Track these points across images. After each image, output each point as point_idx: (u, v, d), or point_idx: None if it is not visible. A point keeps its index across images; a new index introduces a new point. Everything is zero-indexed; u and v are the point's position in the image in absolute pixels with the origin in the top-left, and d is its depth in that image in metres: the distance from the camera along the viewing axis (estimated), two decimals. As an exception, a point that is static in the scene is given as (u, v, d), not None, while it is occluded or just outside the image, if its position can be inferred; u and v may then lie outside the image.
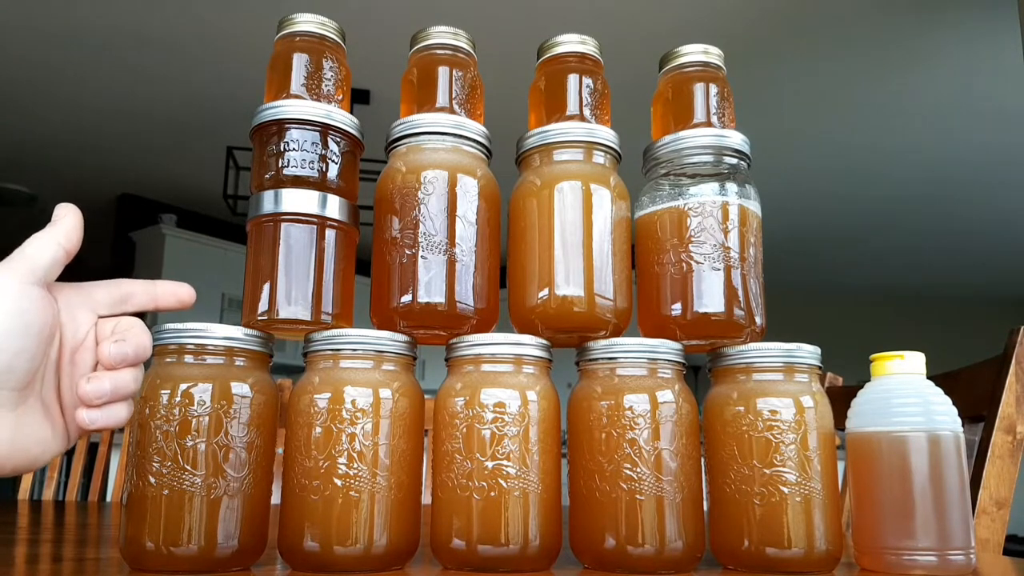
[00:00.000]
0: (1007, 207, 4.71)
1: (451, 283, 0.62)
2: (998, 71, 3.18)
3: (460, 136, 0.65)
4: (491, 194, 0.66)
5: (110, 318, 0.50)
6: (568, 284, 0.63)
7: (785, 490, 0.57)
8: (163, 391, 0.55)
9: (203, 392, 0.55)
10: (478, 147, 0.66)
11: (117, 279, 0.51)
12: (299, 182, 0.62)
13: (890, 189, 4.51)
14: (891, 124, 3.73)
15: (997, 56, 3.08)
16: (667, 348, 0.60)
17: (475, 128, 0.66)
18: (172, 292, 0.52)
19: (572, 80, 0.69)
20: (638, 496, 0.56)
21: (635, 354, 0.59)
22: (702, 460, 0.61)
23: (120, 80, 3.45)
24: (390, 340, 0.59)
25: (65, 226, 0.48)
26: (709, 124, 0.68)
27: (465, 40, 0.70)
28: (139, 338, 0.48)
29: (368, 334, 0.59)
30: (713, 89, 0.69)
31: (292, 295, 0.61)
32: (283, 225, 0.62)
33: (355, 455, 0.55)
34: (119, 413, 0.47)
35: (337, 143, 0.64)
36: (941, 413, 0.58)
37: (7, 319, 0.43)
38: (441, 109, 0.67)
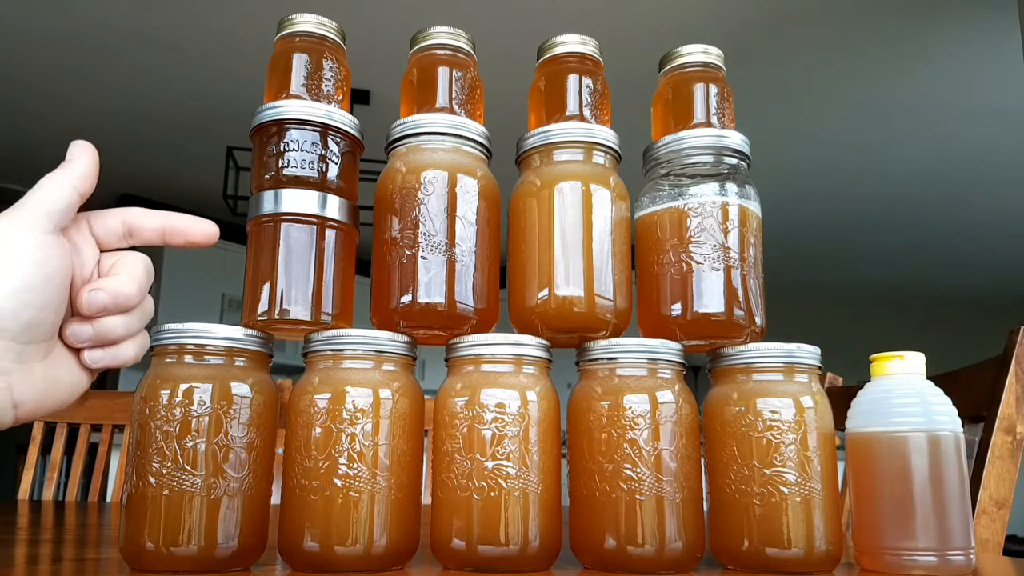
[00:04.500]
0: (1007, 207, 4.71)
1: (451, 283, 0.62)
2: (998, 71, 3.18)
3: (460, 136, 0.65)
4: (491, 194, 0.66)
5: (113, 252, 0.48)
6: (568, 284, 0.63)
7: (785, 490, 0.57)
8: (163, 391, 0.55)
9: (203, 392, 0.55)
10: (478, 147, 0.66)
11: (125, 209, 0.49)
12: (299, 182, 0.62)
13: (891, 189, 4.51)
14: (891, 124, 3.73)
15: (997, 56, 3.08)
16: (667, 348, 0.60)
17: (475, 128, 0.66)
18: (183, 231, 0.48)
19: (572, 80, 0.69)
20: (638, 496, 0.56)
21: (635, 354, 0.59)
22: (702, 460, 0.61)
23: (120, 80, 3.45)
24: (390, 340, 0.59)
25: (80, 169, 0.45)
26: (709, 124, 0.68)
27: (465, 40, 0.70)
28: (118, 286, 0.45)
29: (368, 334, 0.59)
30: (713, 89, 0.69)
31: (292, 295, 0.61)
32: (283, 225, 0.62)
33: (355, 455, 0.55)
34: (124, 353, 0.46)
35: (337, 143, 0.64)
36: (941, 413, 0.58)
37: (29, 274, 0.41)
38: (441, 109, 0.67)
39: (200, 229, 0.49)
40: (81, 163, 0.46)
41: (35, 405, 0.44)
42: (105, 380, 4.66)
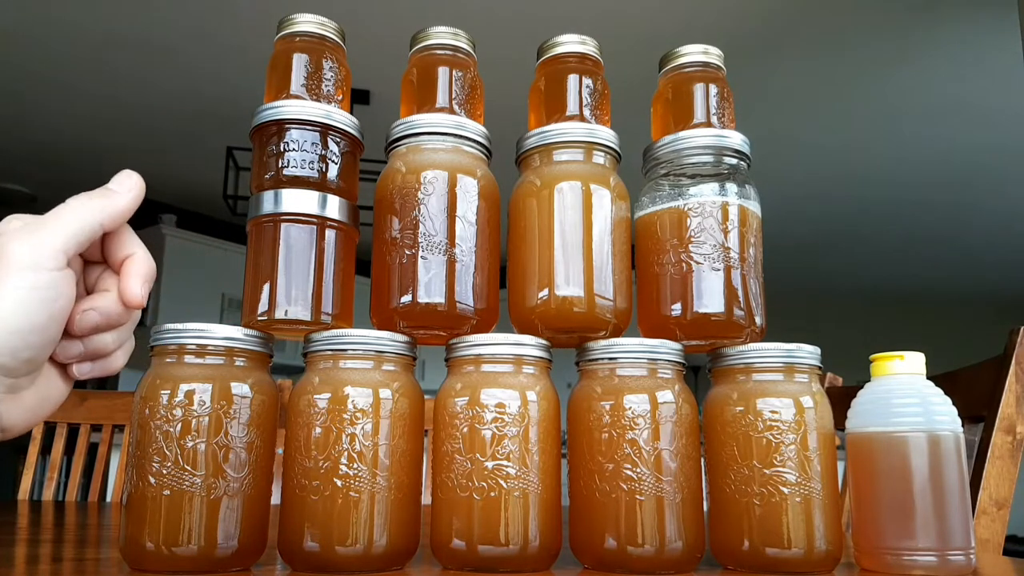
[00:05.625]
0: (1007, 207, 4.71)
1: (451, 283, 0.62)
2: (998, 71, 3.18)
3: (460, 136, 0.65)
4: (491, 194, 0.66)
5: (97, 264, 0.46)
6: (568, 284, 0.63)
7: (785, 490, 0.57)
8: (163, 391, 0.55)
9: (203, 392, 0.55)
10: (478, 147, 0.66)
11: (122, 232, 0.45)
12: (299, 182, 0.62)
13: (891, 189, 4.51)
14: (890, 124, 3.73)
15: (997, 56, 3.08)
16: (667, 348, 0.60)
17: (475, 128, 0.66)
18: (125, 275, 0.45)
19: (572, 80, 0.69)
20: (638, 496, 0.56)
21: (635, 354, 0.59)
22: (702, 460, 0.61)
23: (120, 80, 3.45)
24: (390, 340, 0.59)
25: (117, 207, 0.43)
26: (709, 124, 0.68)
27: (465, 40, 0.70)
28: (111, 306, 0.44)
29: (368, 334, 0.59)
30: (713, 89, 0.69)
31: (292, 295, 0.61)
32: (283, 225, 0.62)
33: (355, 455, 0.55)
34: (114, 363, 0.45)
35: (337, 143, 0.64)
36: (941, 413, 0.58)
37: (35, 314, 0.40)
38: (441, 109, 0.67)
39: (129, 291, 0.45)
40: (121, 201, 0.43)
41: (24, 426, 0.44)
42: (105, 380, 4.66)
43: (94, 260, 0.47)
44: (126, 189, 0.44)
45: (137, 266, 0.45)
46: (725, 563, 0.60)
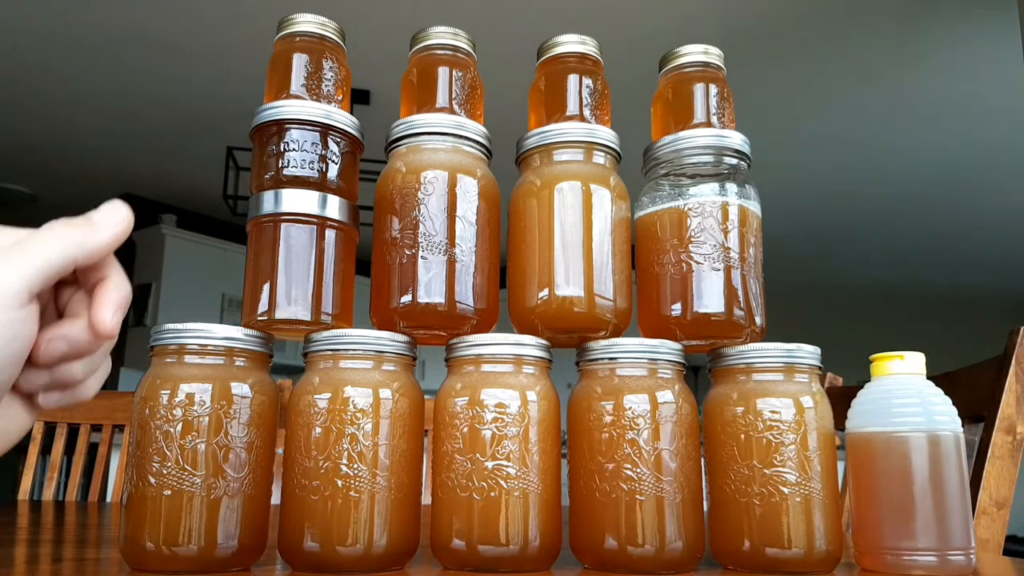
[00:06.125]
0: (1007, 207, 4.71)
1: (451, 283, 0.62)
2: (998, 71, 3.18)
3: (460, 136, 0.65)
4: (491, 194, 0.66)
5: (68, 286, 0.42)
6: (568, 284, 0.63)
7: (785, 490, 0.57)
8: (163, 391, 0.55)
9: (203, 392, 0.55)
10: (478, 147, 0.66)
11: (101, 269, 0.40)
12: (299, 182, 0.62)
13: (890, 189, 4.51)
14: (891, 124, 3.73)
15: (997, 56, 3.08)
16: (667, 348, 0.60)
17: (475, 128, 0.66)
18: (95, 318, 0.39)
19: (572, 80, 0.69)
20: (638, 496, 0.56)
21: (635, 354, 0.59)
22: (702, 460, 0.61)
23: (120, 80, 3.45)
24: (390, 340, 0.59)
25: (97, 243, 0.38)
26: (709, 124, 0.68)
27: (465, 40, 0.70)
28: (79, 335, 0.39)
29: (368, 334, 0.59)
30: (713, 89, 0.69)
31: (292, 295, 0.61)
32: (283, 225, 0.62)
33: (355, 455, 0.55)
34: (84, 392, 0.41)
35: (337, 143, 0.64)
36: (941, 413, 0.58)
37: None
38: (441, 109, 0.67)
39: (99, 319, 0.39)
40: (102, 237, 0.39)
41: None
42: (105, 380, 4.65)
43: (66, 280, 0.42)
44: (111, 224, 0.39)
45: (110, 292, 0.40)
46: (725, 563, 0.60)
